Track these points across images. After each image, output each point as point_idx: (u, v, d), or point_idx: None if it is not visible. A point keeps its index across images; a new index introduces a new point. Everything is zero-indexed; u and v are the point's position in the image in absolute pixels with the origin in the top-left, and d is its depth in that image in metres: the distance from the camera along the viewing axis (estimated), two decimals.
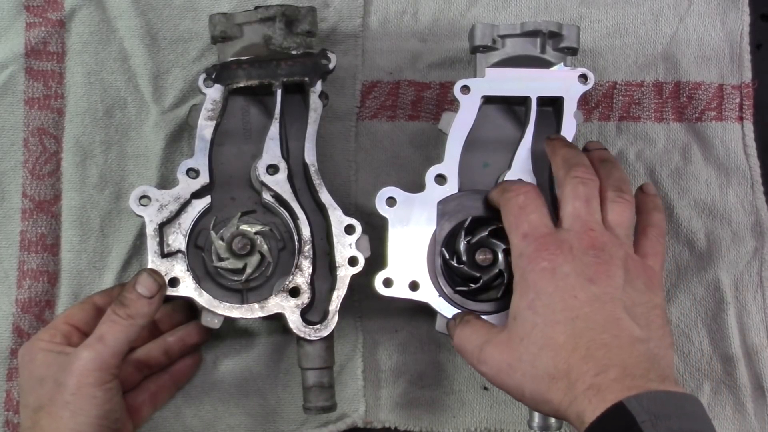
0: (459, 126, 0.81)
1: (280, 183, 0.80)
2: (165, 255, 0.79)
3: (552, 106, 0.83)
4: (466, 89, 0.81)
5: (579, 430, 0.64)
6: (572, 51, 0.83)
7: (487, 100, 0.82)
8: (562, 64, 0.82)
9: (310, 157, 0.81)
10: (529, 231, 0.71)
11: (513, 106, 0.85)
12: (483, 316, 0.77)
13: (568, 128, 0.81)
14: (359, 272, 0.79)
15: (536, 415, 0.79)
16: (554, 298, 0.68)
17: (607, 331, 0.66)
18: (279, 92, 0.80)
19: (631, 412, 0.60)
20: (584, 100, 0.92)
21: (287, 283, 0.79)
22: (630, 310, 0.68)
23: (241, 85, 0.80)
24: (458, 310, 0.78)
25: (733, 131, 0.92)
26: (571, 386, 0.64)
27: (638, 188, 0.81)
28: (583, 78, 0.81)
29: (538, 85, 0.81)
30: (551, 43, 0.83)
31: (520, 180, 0.78)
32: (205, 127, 0.80)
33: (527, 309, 0.69)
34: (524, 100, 0.82)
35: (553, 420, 0.79)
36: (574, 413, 0.64)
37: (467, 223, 0.79)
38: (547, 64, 0.83)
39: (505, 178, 0.80)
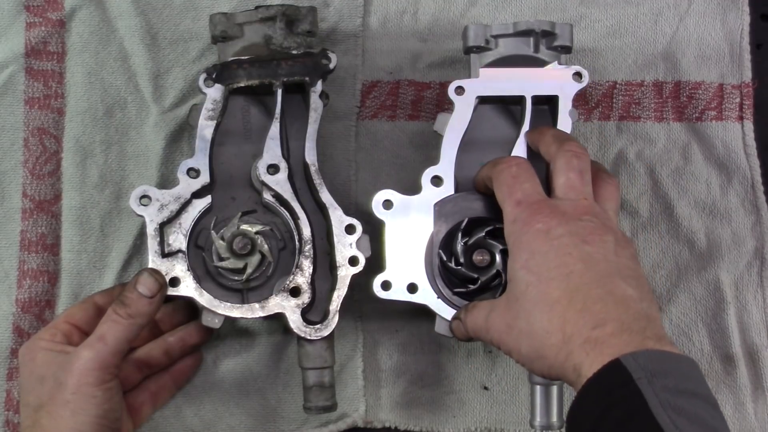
0: (454, 127, 0.81)
1: (280, 183, 0.80)
2: (165, 255, 0.79)
3: (547, 104, 0.83)
4: (460, 90, 0.81)
5: (575, 383, 0.63)
6: (566, 49, 0.83)
7: (482, 100, 0.82)
8: (556, 62, 0.82)
9: (310, 156, 0.81)
10: (522, 198, 0.72)
11: (508, 106, 0.85)
12: None
13: (564, 126, 0.81)
14: (360, 272, 0.80)
15: (538, 413, 0.79)
16: (549, 256, 0.68)
17: (602, 287, 0.66)
18: (279, 92, 0.80)
19: (627, 369, 0.60)
20: (584, 100, 0.92)
21: (288, 282, 0.79)
22: (622, 272, 0.68)
23: (242, 84, 0.80)
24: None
25: (734, 131, 0.92)
26: (567, 340, 0.64)
27: None
28: (578, 76, 0.81)
29: (532, 84, 0.81)
30: (544, 42, 0.83)
31: (508, 156, 0.78)
32: (206, 127, 0.80)
33: (521, 269, 0.69)
34: (519, 100, 0.82)
35: (555, 419, 0.79)
36: (571, 366, 0.64)
37: (464, 224, 0.79)
38: (541, 63, 0.83)
39: None
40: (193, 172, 0.80)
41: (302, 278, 0.79)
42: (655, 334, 0.64)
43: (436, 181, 0.80)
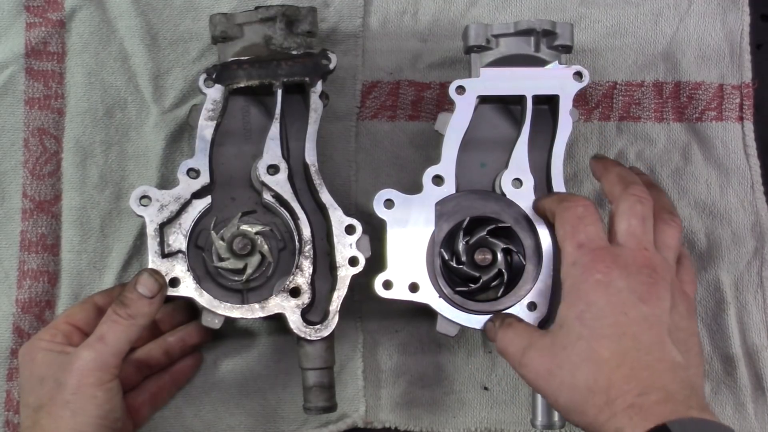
0: (455, 126, 0.81)
1: (280, 183, 0.80)
2: (165, 255, 0.79)
3: (548, 104, 0.83)
4: (461, 90, 0.81)
5: None
6: (566, 49, 0.83)
7: (483, 99, 0.82)
8: (556, 62, 0.82)
9: (310, 157, 0.81)
10: (585, 241, 0.71)
11: (509, 106, 0.85)
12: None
13: (564, 126, 0.81)
14: (360, 272, 0.80)
15: (539, 413, 0.79)
16: (605, 312, 0.68)
17: (651, 354, 0.66)
18: (279, 92, 0.80)
19: None
20: (584, 100, 0.92)
21: (288, 283, 0.79)
22: (673, 335, 0.68)
23: (242, 85, 0.80)
24: (458, 311, 0.78)
25: (734, 131, 0.92)
26: (610, 402, 0.65)
27: None
28: (578, 75, 0.81)
29: (533, 83, 0.81)
30: (545, 42, 0.83)
31: (574, 194, 0.78)
32: (206, 127, 0.80)
33: (575, 319, 0.69)
34: (520, 99, 0.82)
35: (556, 418, 0.79)
36: (612, 428, 0.64)
37: (465, 223, 0.79)
38: (541, 63, 0.83)
39: (503, 178, 0.80)
40: (193, 173, 0.80)
41: (302, 278, 0.79)
42: (699, 404, 0.64)
43: (437, 180, 0.80)
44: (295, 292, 0.79)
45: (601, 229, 0.72)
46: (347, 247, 0.80)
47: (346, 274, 0.79)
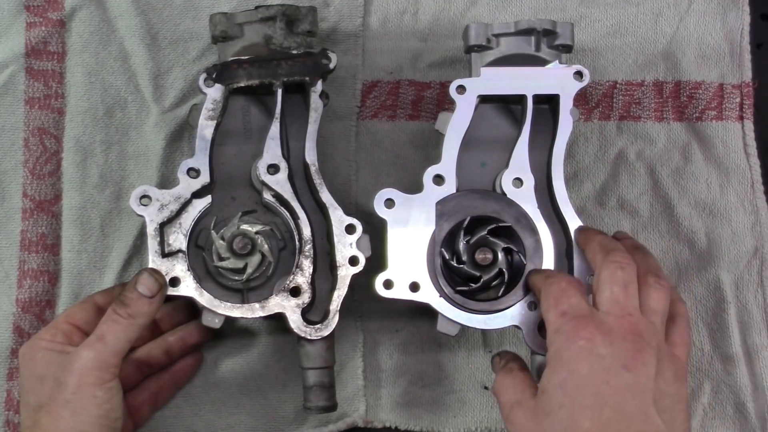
0: (456, 126, 0.81)
1: (280, 182, 0.80)
2: (166, 255, 0.79)
3: (548, 103, 0.83)
4: (461, 89, 0.81)
5: None
6: (567, 48, 0.83)
7: (484, 99, 0.82)
8: (557, 61, 0.82)
9: (310, 156, 0.81)
10: (568, 310, 0.70)
11: (509, 105, 0.85)
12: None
13: (565, 126, 0.81)
14: (360, 272, 0.79)
15: None
16: (587, 381, 0.67)
17: (633, 425, 0.66)
18: (279, 92, 0.80)
19: None
20: (584, 100, 0.92)
21: (288, 282, 0.79)
22: (658, 402, 0.68)
23: (242, 84, 0.80)
24: (459, 311, 0.79)
25: (734, 131, 0.92)
26: None
27: None
28: (579, 75, 0.81)
29: (533, 83, 0.81)
30: (546, 41, 0.83)
31: (562, 271, 0.78)
32: (206, 127, 0.80)
33: (558, 387, 0.68)
34: (520, 99, 0.82)
35: None
36: None
37: (466, 222, 0.79)
38: (542, 62, 0.83)
39: (503, 177, 0.80)
40: (193, 172, 0.80)
41: (302, 278, 0.79)
42: None
43: (438, 179, 0.80)
44: (295, 292, 0.79)
45: (584, 300, 0.72)
46: (347, 246, 0.80)
47: (346, 273, 0.79)
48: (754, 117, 0.93)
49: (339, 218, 0.80)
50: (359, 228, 0.80)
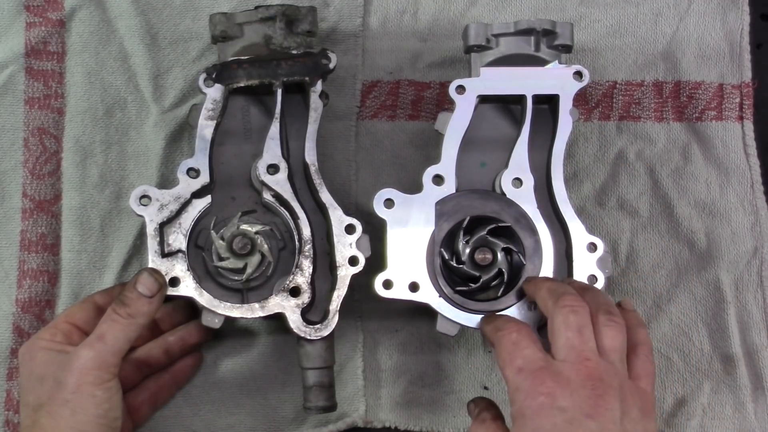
0: (455, 126, 0.81)
1: (280, 182, 0.80)
2: (165, 254, 0.79)
3: (548, 103, 0.83)
4: (461, 89, 0.81)
5: None
6: (566, 48, 0.84)
7: (483, 99, 0.82)
8: (556, 61, 0.82)
9: (310, 156, 0.81)
10: (524, 365, 0.69)
11: (509, 105, 0.85)
12: None
13: (564, 125, 0.81)
14: (360, 272, 0.79)
15: None
16: None
17: None
18: (279, 92, 0.80)
19: None
20: (584, 100, 0.92)
21: (288, 282, 0.79)
22: None
23: (242, 84, 0.80)
24: (459, 311, 0.79)
25: (733, 131, 0.92)
26: None
27: (617, 304, 0.77)
28: (578, 75, 0.81)
29: (533, 83, 0.81)
30: (545, 41, 0.83)
31: (511, 318, 0.76)
32: (206, 127, 0.80)
33: None
34: (520, 99, 0.82)
35: None
36: None
37: (465, 222, 0.79)
38: (541, 62, 0.83)
39: (503, 177, 0.80)
40: (193, 172, 0.80)
41: (302, 278, 0.79)
42: None
43: (438, 180, 0.80)
44: (295, 292, 0.79)
45: (538, 350, 0.70)
46: (347, 246, 0.80)
47: (346, 273, 0.79)
48: (753, 117, 0.93)
49: (339, 218, 0.80)
50: (359, 228, 0.80)
